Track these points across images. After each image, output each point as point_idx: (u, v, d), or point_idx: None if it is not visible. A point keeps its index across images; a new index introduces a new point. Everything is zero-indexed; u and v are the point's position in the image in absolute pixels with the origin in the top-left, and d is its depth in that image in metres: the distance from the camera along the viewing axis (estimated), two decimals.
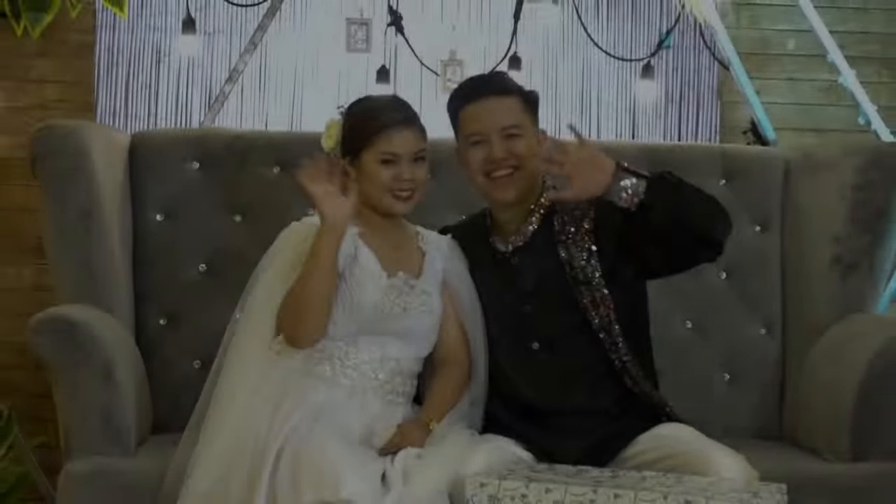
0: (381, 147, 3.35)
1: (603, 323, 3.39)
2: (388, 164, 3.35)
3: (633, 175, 3.19)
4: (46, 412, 4.03)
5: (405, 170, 3.36)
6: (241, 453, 3.16)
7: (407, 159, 3.36)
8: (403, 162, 3.36)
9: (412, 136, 3.38)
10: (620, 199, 3.20)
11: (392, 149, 3.35)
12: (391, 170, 3.35)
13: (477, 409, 3.50)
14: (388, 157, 3.35)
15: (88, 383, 3.48)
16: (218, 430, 3.23)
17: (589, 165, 3.19)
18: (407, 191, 3.37)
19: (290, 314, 3.28)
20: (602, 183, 3.18)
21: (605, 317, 3.39)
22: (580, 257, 3.39)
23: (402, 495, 3.06)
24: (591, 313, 3.40)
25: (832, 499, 3.53)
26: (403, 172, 3.35)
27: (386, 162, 3.35)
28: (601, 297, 3.40)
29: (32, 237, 4.58)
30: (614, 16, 4.93)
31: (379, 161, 3.35)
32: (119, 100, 4.75)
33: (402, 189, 3.36)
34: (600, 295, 3.40)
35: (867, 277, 4.04)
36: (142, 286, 4.04)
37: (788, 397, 4.12)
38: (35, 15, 4.32)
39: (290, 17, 4.74)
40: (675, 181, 3.21)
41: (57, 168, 3.80)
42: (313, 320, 3.27)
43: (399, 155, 3.36)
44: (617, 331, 3.40)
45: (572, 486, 3.00)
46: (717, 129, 4.96)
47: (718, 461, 3.24)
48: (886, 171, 4.05)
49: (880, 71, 5.01)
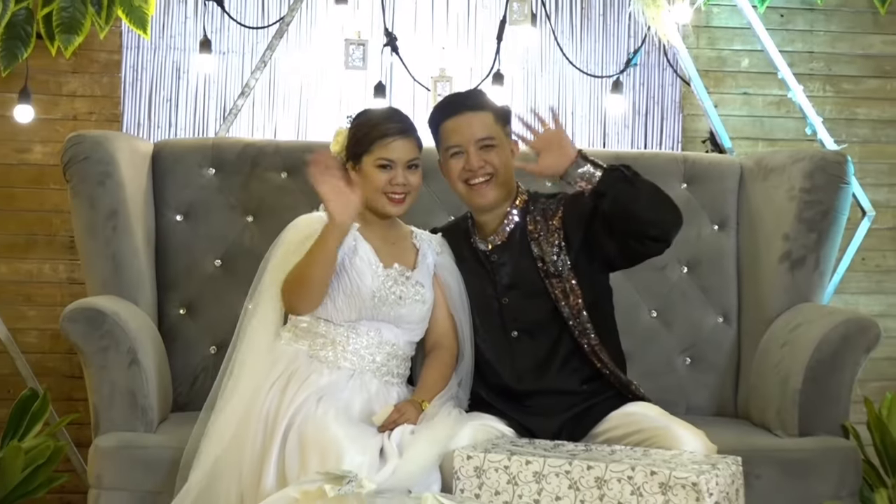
0: (379, 153, 3.38)
1: (573, 311, 3.41)
2: (384, 169, 3.38)
3: (592, 164, 3.25)
4: (78, 392, 4.03)
5: (399, 175, 3.38)
6: (252, 427, 3.16)
7: (402, 166, 3.39)
8: (398, 168, 3.38)
9: (407, 146, 3.40)
10: (576, 184, 3.28)
11: (388, 155, 3.37)
12: (387, 174, 3.37)
13: (464, 389, 3.50)
14: (385, 163, 3.37)
15: (115, 366, 3.48)
16: (231, 404, 3.23)
17: (556, 146, 3.28)
18: (400, 194, 3.39)
19: (293, 289, 3.30)
20: (562, 164, 3.27)
21: (574, 306, 3.41)
22: (551, 252, 3.41)
23: (397, 467, 3.06)
24: (561, 303, 3.41)
25: (781, 469, 3.53)
26: (398, 177, 3.38)
27: (382, 167, 3.38)
28: (570, 287, 3.41)
29: (65, 235, 4.57)
30: (587, 37, 4.93)
31: (376, 166, 3.38)
32: (143, 112, 4.74)
33: (395, 192, 3.39)
34: (569, 286, 3.41)
35: (813, 271, 4.04)
36: (163, 279, 4.03)
37: (743, 379, 4.12)
38: (67, 37, 4.31)
39: (295, 38, 4.73)
40: (630, 174, 3.25)
41: (87, 173, 3.80)
42: (312, 297, 3.30)
43: (394, 161, 3.38)
44: (585, 317, 3.41)
45: (550, 459, 3.01)
46: (679, 139, 4.96)
47: (681, 436, 3.25)
48: (830, 176, 4.06)
49: (825, 86, 5.01)
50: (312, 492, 2.88)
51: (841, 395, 3.68)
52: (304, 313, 3.34)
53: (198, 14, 4.73)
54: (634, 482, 2.92)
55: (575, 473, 2.97)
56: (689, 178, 4.26)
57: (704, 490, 2.86)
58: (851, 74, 5.04)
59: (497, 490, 3.04)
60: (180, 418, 3.66)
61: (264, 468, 3.09)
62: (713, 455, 3.18)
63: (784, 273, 4.04)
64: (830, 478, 3.56)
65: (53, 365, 4.58)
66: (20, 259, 4.63)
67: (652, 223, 3.26)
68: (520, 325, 3.47)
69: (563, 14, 4.90)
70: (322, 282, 3.27)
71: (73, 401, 4.40)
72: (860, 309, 4.85)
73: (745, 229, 4.23)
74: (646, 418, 3.35)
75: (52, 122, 4.61)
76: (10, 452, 3.62)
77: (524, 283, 3.46)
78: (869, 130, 5.04)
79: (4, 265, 4.62)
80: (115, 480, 3.38)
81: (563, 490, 2.98)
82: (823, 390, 3.66)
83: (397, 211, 3.42)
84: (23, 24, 4.34)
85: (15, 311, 4.57)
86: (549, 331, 3.45)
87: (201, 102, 4.77)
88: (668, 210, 3.29)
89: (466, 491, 3.07)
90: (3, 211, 4.62)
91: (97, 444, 3.44)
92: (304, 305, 3.32)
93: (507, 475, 3.04)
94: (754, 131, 4.96)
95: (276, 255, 3.41)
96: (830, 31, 5.02)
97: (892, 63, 5.06)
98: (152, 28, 4.52)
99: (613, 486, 2.94)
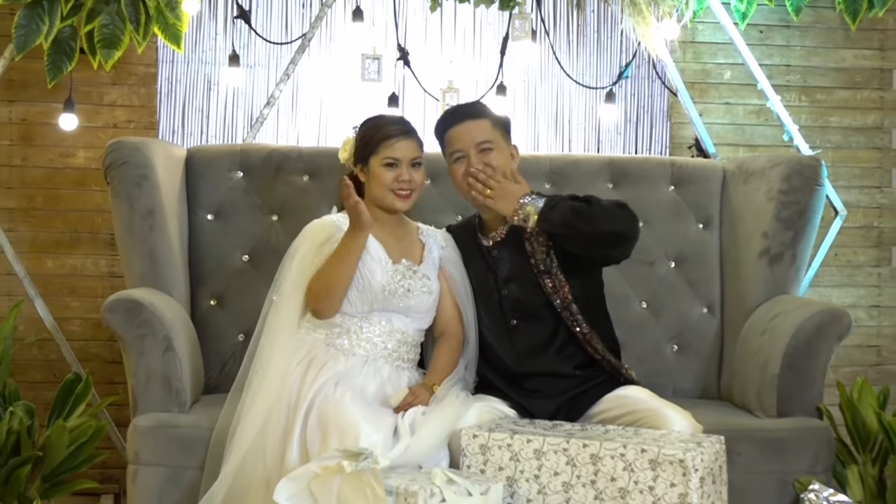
0: (385, 153, 3.41)
1: (563, 303, 3.42)
2: (390, 167, 3.41)
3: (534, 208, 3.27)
4: (118, 376, 4.02)
5: (404, 172, 3.41)
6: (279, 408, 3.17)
7: (406, 164, 3.42)
8: (403, 166, 3.41)
9: (410, 145, 3.44)
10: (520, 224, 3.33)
11: (394, 154, 3.41)
12: (393, 172, 3.41)
13: (470, 372, 3.51)
14: (391, 162, 3.41)
15: (151, 353, 3.47)
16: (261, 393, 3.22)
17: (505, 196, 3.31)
18: (406, 190, 3.42)
19: (319, 291, 3.31)
20: (505, 211, 3.33)
21: (564, 298, 3.42)
22: (541, 251, 3.41)
23: (410, 445, 3.07)
24: (552, 296, 3.43)
25: (761, 447, 3.52)
26: (403, 174, 3.41)
27: (388, 165, 3.41)
28: (559, 283, 3.42)
29: (106, 233, 4.57)
30: (583, 51, 4.91)
31: (383, 165, 3.41)
32: (177, 120, 4.73)
33: (401, 188, 3.41)
34: (559, 281, 3.43)
35: (790, 266, 4.03)
36: (195, 273, 4.02)
37: (725, 364, 4.10)
38: (108, 51, 4.30)
39: (316, 53, 4.72)
40: (570, 210, 3.27)
41: (126, 176, 3.79)
42: (336, 297, 3.30)
43: (399, 160, 3.41)
44: (575, 309, 3.42)
45: (549, 438, 3.01)
46: (667, 145, 4.94)
47: (669, 417, 3.25)
48: (806, 179, 4.05)
49: (800, 97, 4.99)
50: (332, 467, 2.88)
51: (815, 380, 3.67)
52: (328, 316, 3.33)
53: (227, 30, 4.72)
54: (626, 459, 2.91)
55: (572, 451, 2.97)
56: (676, 180, 4.25)
57: (690, 466, 2.86)
58: (825, 86, 5.03)
59: (500, 466, 3.04)
60: (211, 400, 3.66)
61: (288, 446, 3.10)
62: (698, 434, 3.18)
63: (763, 268, 4.03)
64: (806, 455, 3.55)
65: (95, 351, 4.58)
66: (65, 254, 4.63)
67: (600, 246, 3.34)
68: (518, 313, 3.48)
69: (561, 31, 4.88)
70: (346, 281, 3.29)
71: (113, 384, 4.40)
72: (833, 301, 4.84)
73: (727, 228, 4.22)
74: (637, 401, 3.35)
75: (94, 130, 4.60)
76: (56, 431, 3.62)
77: (520, 276, 3.47)
78: (841, 137, 5.03)
79: (51, 260, 4.62)
80: (151, 457, 3.37)
81: (560, 466, 2.97)
82: (799, 375, 3.65)
83: (404, 206, 3.44)
84: (67, 40, 4.34)
85: (61, 302, 4.57)
86: (545, 319, 3.46)
87: (230, 112, 4.76)
88: (616, 231, 3.32)
89: (472, 467, 3.07)
90: (50, 211, 4.62)
91: (135, 423, 3.44)
92: (329, 305, 3.31)
93: (509, 452, 3.03)
94: (736, 138, 4.94)
95: (297, 252, 3.41)
96: (805, 46, 5.00)
97: (862, 75, 5.04)
98: (185, 43, 4.52)
99: (607, 462, 2.93)
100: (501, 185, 3.33)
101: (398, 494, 2.82)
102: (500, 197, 3.33)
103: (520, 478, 3.02)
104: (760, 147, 4.92)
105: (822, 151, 4.69)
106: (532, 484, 3.00)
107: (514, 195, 3.32)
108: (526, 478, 3.01)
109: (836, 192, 4.71)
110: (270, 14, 4.77)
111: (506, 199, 3.32)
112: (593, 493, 2.94)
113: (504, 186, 3.34)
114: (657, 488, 2.88)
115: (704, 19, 4.82)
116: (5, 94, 4.54)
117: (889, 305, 5.05)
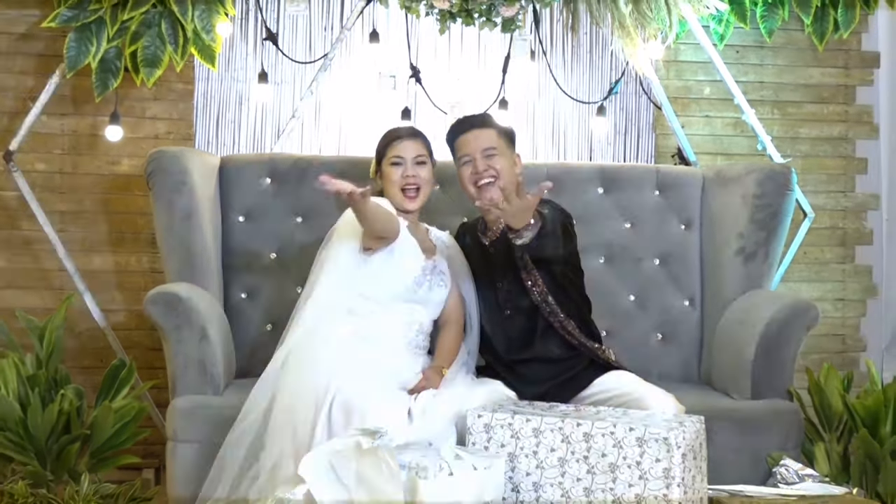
0: (392, 153, 3.48)
1: (541, 296, 3.46)
2: (397, 166, 3.47)
3: (529, 230, 3.15)
4: (158, 362, 4.01)
5: (409, 168, 3.46)
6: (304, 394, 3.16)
7: (411, 161, 3.47)
8: (408, 163, 3.46)
9: (414, 144, 3.50)
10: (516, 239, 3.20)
11: (399, 153, 3.47)
12: (399, 169, 3.46)
13: (472, 357, 3.54)
14: (397, 160, 3.47)
15: (188, 341, 3.48)
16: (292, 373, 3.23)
17: (516, 215, 3.12)
18: (412, 186, 3.46)
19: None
20: (514, 226, 3.14)
21: (541, 292, 3.46)
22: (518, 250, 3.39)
23: (421, 425, 3.08)
24: (531, 290, 3.46)
25: (737, 426, 3.53)
26: (408, 170, 3.46)
27: (395, 164, 3.47)
28: (535, 278, 3.45)
29: (148, 233, 4.56)
30: (576, 70, 4.89)
31: (391, 164, 3.48)
32: (211, 132, 4.72)
33: (407, 184, 3.46)
34: (534, 277, 3.45)
35: (763, 263, 4.02)
36: (228, 269, 4.02)
37: (705, 352, 4.10)
38: (150, 70, 4.30)
39: (337, 71, 4.71)
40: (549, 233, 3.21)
41: (166, 182, 3.80)
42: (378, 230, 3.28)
43: (404, 158, 3.47)
44: (551, 300, 3.45)
45: (546, 418, 3.01)
46: (653, 154, 4.93)
47: (655, 399, 3.26)
48: (778, 185, 4.05)
49: (773, 110, 4.97)
50: (351, 444, 2.88)
51: (786, 366, 3.67)
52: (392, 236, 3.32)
53: (257, 51, 4.71)
54: (616, 437, 2.91)
55: (567, 429, 2.97)
56: (660, 186, 4.24)
57: (674, 443, 2.85)
58: (795, 100, 5.01)
59: (502, 443, 3.04)
60: (242, 383, 3.65)
61: (318, 425, 3.10)
62: (681, 415, 3.18)
63: (739, 265, 4.02)
64: (777, 433, 3.56)
65: (138, 339, 4.57)
66: (111, 252, 4.63)
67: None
68: (510, 305, 3.50)
69: (557, 51, 4.87)
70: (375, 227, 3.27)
71: (154, 369, 4.39)
72: (802, 294, 4.81)
73: (706, 228, 4.21)
74: (625, 384, 3.37)
75: (137, 140, 4.60)
76: (102, 411, 3.62)
77: (510, 272, 3.49)
78: (809, 147, 5.01)
79: (98, 258, 4.62)
80: (187, 434, 3.38)
81: (556, 443, 2.97)
82: (772, 361, 3.65)
83: (413, 206, 3.47)
84: (113, 59, 4.34)
85: (107, 295, 4.57)
86: (529, 310, 3.48)
87: (259, 124, 4.75)
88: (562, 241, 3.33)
89: (477, 444, 3.07)
90: (97, 213, 4.62)
91: (174, 404, 3.45)
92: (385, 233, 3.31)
93: (510, 431, 3.03)
94: (714, 147, 4.93)
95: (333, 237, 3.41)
96: (777, 64, 4.99)
97: (829, 91, 5.03)
98: (219, 63, 4.52)
99: (598, 440, 2.93)
100: (512, 205, 3.13)
101: (411, 468, 2.83)
102: (510, 214, 3.14)
103: (520, 454, 3.01)
104: (737, 156, 4.90)
105: (792, 160, 4.68)
106: (531, 459, 3.00)
107: (525, 218, 3.14)
108: (525, 454, 3.01)
109: (805, 197, 4.70)
110: (296, 36, 4.76)
111: (515, 217, 3.14)
112: (586, 468, 2.93)
113: (516, 206, 3.14)
114: (643, 463, 2.87)
115: (686, 41, 4.80)
116: (58, 108, 4.54)
117: (852, 299, 5.04)
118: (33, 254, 4.57)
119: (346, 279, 3.35)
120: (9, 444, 3.53)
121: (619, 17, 4.36)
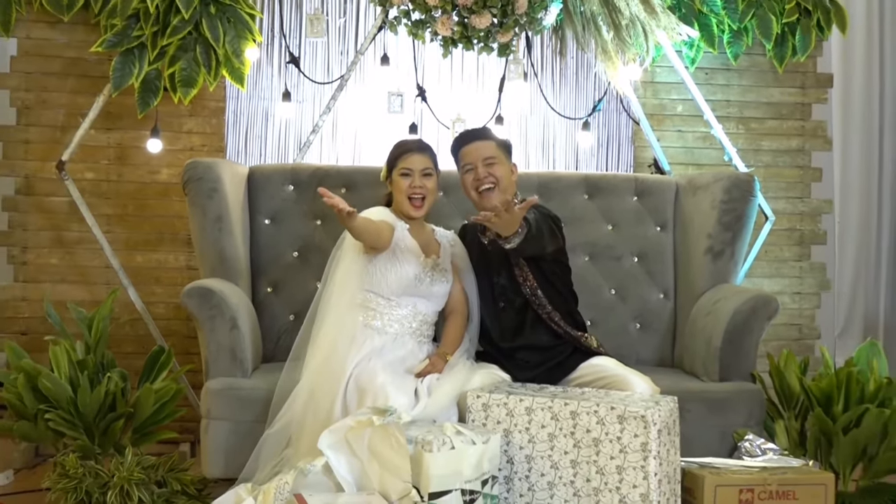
0: (402, 164, 3.44)
1: (531, 290, 3.44)
2: (405, 176, 3.43)
3: (517, 236, 3.13)
4: (193, 348, 4.03)
5: (417, 179, 3.42)
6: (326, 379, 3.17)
7: (419, 174, 3.42)
8: (416, 174, 3.42)
9: (422, 158, 3.45)
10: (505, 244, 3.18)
11: (408, 165, 3.43)
12: (408, 180, 3.42)
13: (472, 344, 3.52)
14: (406, 171, 3.42)
15: (220, 330, 3.48)
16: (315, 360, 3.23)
17: (506, 227, 3.09)
18: (419, 195, 3.42)
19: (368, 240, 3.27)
20: (504, 235, 3.12)
21: (531, 286, 3.44)
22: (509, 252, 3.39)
23: (427, 405, 3.08)
24: (522, 284, 3.45)
25: (706, 405, 3.52)
26: (415, 181, 3.42)
27: (404, 174, 3.43)
28: (525, 274, 3.45)
29: (184, 234, 4.57)
30: (564, 89, 4.90)
31: (400, 174, 3.44)
32: (241, 144, 4.73)
33: (414, 194, 3.42)
34: (525, 273, 3.45)
35: (729, 260, 4.02)
36: (255, 266, 4.02)
37: (678, 339, 4.10)
38: (186, 89, 4.31)
39: (353, 90, 4.72)
40: (534, 237, 3.19)
41: (200, 189, 3.80)
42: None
43: (412, 169, 3.42)
44: (540, 294, 3.44)
45: (537, 398, 3.00)
46: (632, 164, 4.93)
47: (633, 381, 3.26)
48: (742, 191, 4.04)
49: (738, 126, 4.98)
50: (364, 421, 2.89)
51: (750, 352, 3.66)
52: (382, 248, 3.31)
53: (281, 73, 4.72)
54: (599, 415, 2.91)
55: (556, 408, 2.97)
56: (639, 192, 4.24)
57: (650, 421, 2.85)
58: (757, 117, 5.01)
59: (498, 420, 3.04)
60: (268, 367, 3.66)
61: (335, 406, 3.11)
62: (656, 395, 3.18)
63: (708, 262, 4.02)
64: (742, 412, 3.55)
65: (176, 328, 4.58)
66: (152, 251, 4.63)
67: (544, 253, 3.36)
68: (504, 298, 3.49)
69: (547, 73, 4.87)
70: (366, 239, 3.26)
71: (190, 354, 4.40)
72: (764, 288, 4.82)
73: (679, 230, 4.21)
74: (607, 368, 3.36)
75: (175, 152, 4.61)
76: (144, 393, 3.63)
77: (505, 268, 3.48)
78: (770, 158, 5.01)
79: (140, 256, 4.62)
80: (220, 413, 3.38)
81: (546, 420, 2.97)
82: (737, 348, 3.65)
83: (417, 214, 3.44)
84: (153, 80, 4.35)
85: (148, 289, 4.58)
86: (520, 303, 3.47)
87: (283, 137, 4.76)
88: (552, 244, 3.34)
89: (476, 421, 3.07)
90: (140, 216, 4.62)
91: (207, 386, 3.45)
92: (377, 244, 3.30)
93: (506, 409, 3.03)
94: (686, 158, 4.93)
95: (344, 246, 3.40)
96: (742, 84, 4.99)
97: (788, 108, 5.03)
98: (248, 83, 4.53)
99: (584, 417, 2.93)
100: (502, 219, 3.09)
101: (417, 443, 2.83)
102: (500, 227, 3.11)
103: (514, 430, 3.01)
104: (706, 166, 4.90)
105: (755, 169, 4.68)
106: (524, 435, 3.00)
107: (513, 228, 3.11)
108: (519, 430, 3.01)
109: (767, 202, 4.70)
110: (315, 59, 4.77)
111: (505, 228, 3.11)
112: (572, 442, 2.94)
113: (505, 220, 3.10)
114: (623, 438, 2.87)
115: (661, 64, 4.81)
116: (104, 123, 4.54)
117: (808, 292, 5.04)
118: (83, 252, 4.58)
119: (356, 278, 3.34)
120: (61, 421, 3.54)
121: (601, 42, 4.37)
